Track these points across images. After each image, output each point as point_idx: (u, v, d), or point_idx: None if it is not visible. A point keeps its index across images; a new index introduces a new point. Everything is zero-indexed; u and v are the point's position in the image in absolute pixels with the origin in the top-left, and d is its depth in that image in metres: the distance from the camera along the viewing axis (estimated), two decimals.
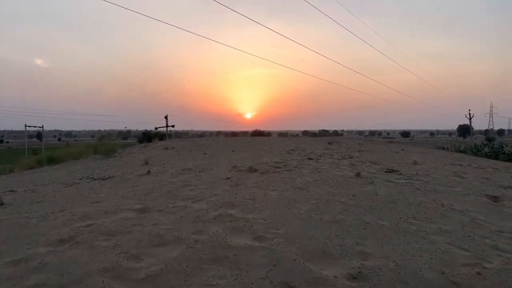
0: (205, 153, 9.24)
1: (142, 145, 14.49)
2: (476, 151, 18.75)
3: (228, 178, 5.98)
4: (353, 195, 4.77)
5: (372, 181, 5.60)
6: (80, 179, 6.78)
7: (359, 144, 11.53)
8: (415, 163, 7.71)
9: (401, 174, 6.38)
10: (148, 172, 6.89)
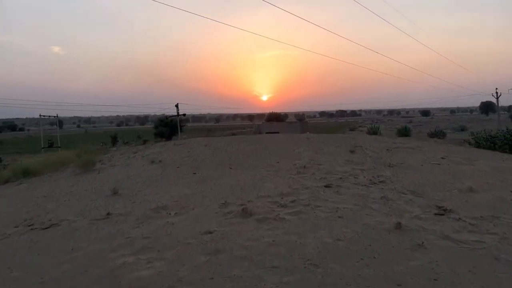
0: (194, 173, 7.55)
1: (133, 150, 12.94)
2: (510, 137, 16.74)
3: (210, 233, 4.28)
4: (399, 286, 3.00)
5: (423, 243, 3.80)
6: (16, 227, 5.18)
7: (387, 150, 9.63)
8: (470, 190, 5.84)
9: (459, 219, 4.55)
10: (108, 214, 5.24)
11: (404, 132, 71.71)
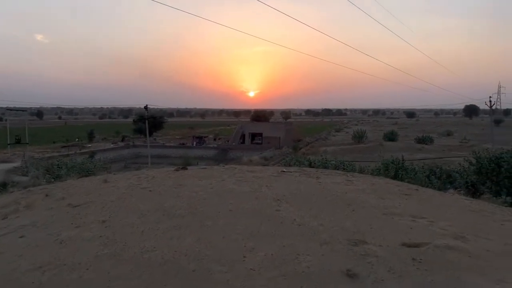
0: None
1: (12, 216, 8.33)
2: None
3: None
4: None
5: None
6: None
7: (413, 260, 5.25)
8: None
9: None
10: None
11: (391, 137, 68.23)
